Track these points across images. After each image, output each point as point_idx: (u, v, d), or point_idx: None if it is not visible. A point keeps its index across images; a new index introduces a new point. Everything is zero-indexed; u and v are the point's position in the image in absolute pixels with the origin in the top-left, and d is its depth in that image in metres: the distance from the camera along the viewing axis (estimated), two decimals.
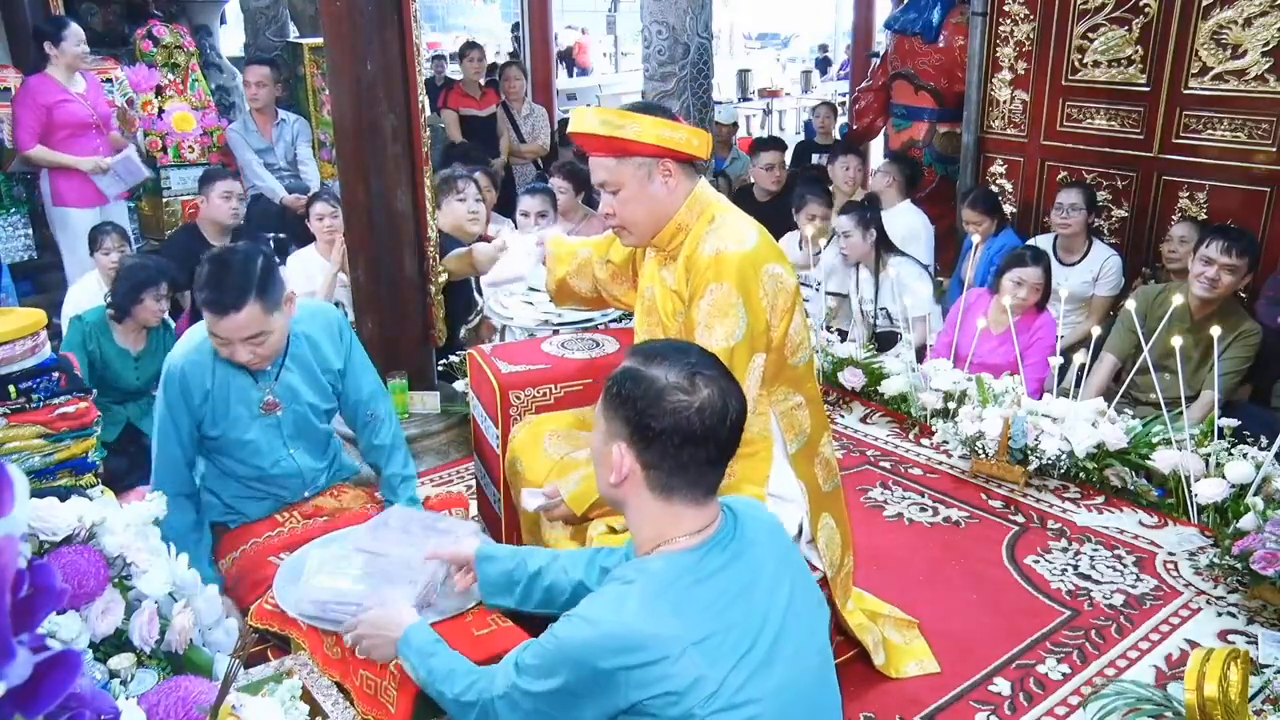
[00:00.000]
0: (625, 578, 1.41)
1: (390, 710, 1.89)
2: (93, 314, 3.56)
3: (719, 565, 1.41)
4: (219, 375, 2.39)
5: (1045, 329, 3.83)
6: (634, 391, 1.40)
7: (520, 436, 2.46)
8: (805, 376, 2.22)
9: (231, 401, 2.41)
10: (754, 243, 2.05)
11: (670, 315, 2.17)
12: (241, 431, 2.42)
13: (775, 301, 2.06)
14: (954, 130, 5.53)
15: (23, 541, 1.41)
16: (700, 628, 1.34)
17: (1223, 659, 1.97)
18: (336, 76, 3.38)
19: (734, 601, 1.39)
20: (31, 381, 2.14)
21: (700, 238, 2.08)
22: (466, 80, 6.72)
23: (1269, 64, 4.12)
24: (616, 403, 1.42)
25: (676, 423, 1.37)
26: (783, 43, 24.40)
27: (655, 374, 1.40)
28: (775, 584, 1.44)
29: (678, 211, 2.11)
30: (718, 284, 2.01)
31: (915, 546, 3.03)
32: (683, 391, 1.38)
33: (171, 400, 2.38)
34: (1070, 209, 4.35)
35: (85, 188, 4.80)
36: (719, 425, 1.39)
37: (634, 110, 2.06)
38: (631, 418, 1.40)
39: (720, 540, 1.43)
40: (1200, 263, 3.50)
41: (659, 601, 1.35)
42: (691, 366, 1.40)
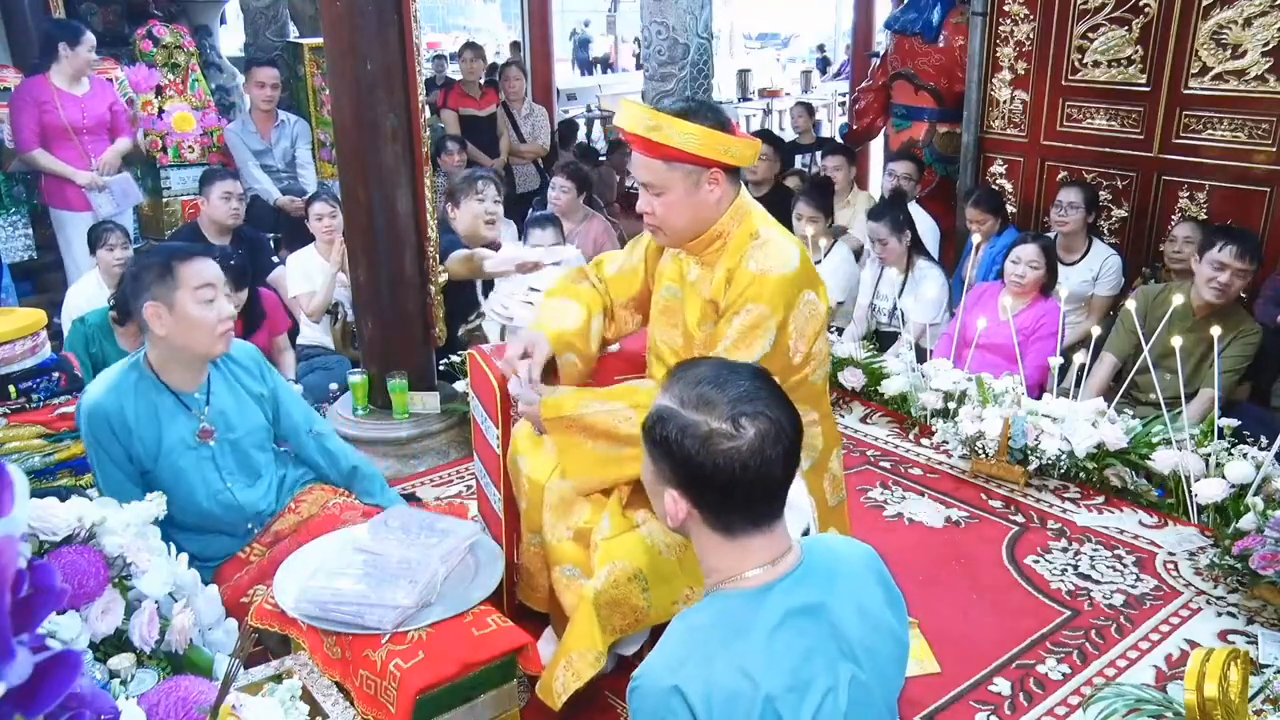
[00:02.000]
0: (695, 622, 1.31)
1: (390, 710, 1.89)
2: (95, 316, 3.56)
3: (798, 606, 1.30)
4: (142, 407, 2.29)
5: (1050, 316, 3.83)
6: (677, 439, 1.29)
7: (523, 433, 2.44)
8: (822, 393, 2.23)
9: (163, 430, 2.31)
10: (796, 265, 2.04)
11: (695, 323, 2.15)
12: (176, 460, 2.32)
13: (806, 328, 2.06)
14: (954, 130, 5.53)
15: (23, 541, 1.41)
16: (778, 680, 1.24)
17: (1223, 659, 1.97)
18: (336, 76, 3.38)
19: (813, 652, 1.27)
20: (31, 381, 2.15)
21: (744, 251, 2.06)
22: (466, 80, 6.72)
23: (1269, 64, 4.12)
24: (660, 449, 1.32)
25: (729, 469, 1.27)
26: (783, 43, 24.41)
27: (696, 420, 1.28)
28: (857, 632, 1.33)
29: (719, 219, 2.09)
30: (756, 304, 2.01)
31: (915, 546, 3.03)
32: (728, 438, 1.27)
33: (101, 439, 2.26)
34: (1069, 207, 4.35)
35: (81, 191, 4.80)
36: (774, 457, 1.29)
37: (688, 115, 2.00)
38: (678, 467, 1.30)
39: (799, 577, 1.33)
40: (1210, 267, 3.47)
41: (730, 650, 1.25)
42: (733, 405, 1.29)
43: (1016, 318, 3.76)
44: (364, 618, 1.98)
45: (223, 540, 2.46)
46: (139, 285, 2.24)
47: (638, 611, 2.08)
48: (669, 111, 2.01)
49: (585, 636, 2.03)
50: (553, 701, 2.05)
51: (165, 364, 2.33)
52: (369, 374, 3.64)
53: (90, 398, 2.26)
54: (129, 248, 4.04)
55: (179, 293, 2.23)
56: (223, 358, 2.41)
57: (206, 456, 2.37)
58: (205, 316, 2.25)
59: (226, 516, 2.42)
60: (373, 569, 2.08)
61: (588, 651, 2.02)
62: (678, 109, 2.03)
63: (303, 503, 2.54)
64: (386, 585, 2.03)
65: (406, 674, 1.88)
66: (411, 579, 2.05)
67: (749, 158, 2.07)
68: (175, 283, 2.22)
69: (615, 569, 2.05)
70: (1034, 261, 3.87)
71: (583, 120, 10.49)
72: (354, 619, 1.99)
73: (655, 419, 1.33)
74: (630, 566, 2.06)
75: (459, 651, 1.95)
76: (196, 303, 2.24)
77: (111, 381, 2.29)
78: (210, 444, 2.37)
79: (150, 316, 2.23)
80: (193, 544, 2.39)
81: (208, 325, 2.26)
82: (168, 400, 2.32)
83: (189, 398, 2.36)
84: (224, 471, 2.40)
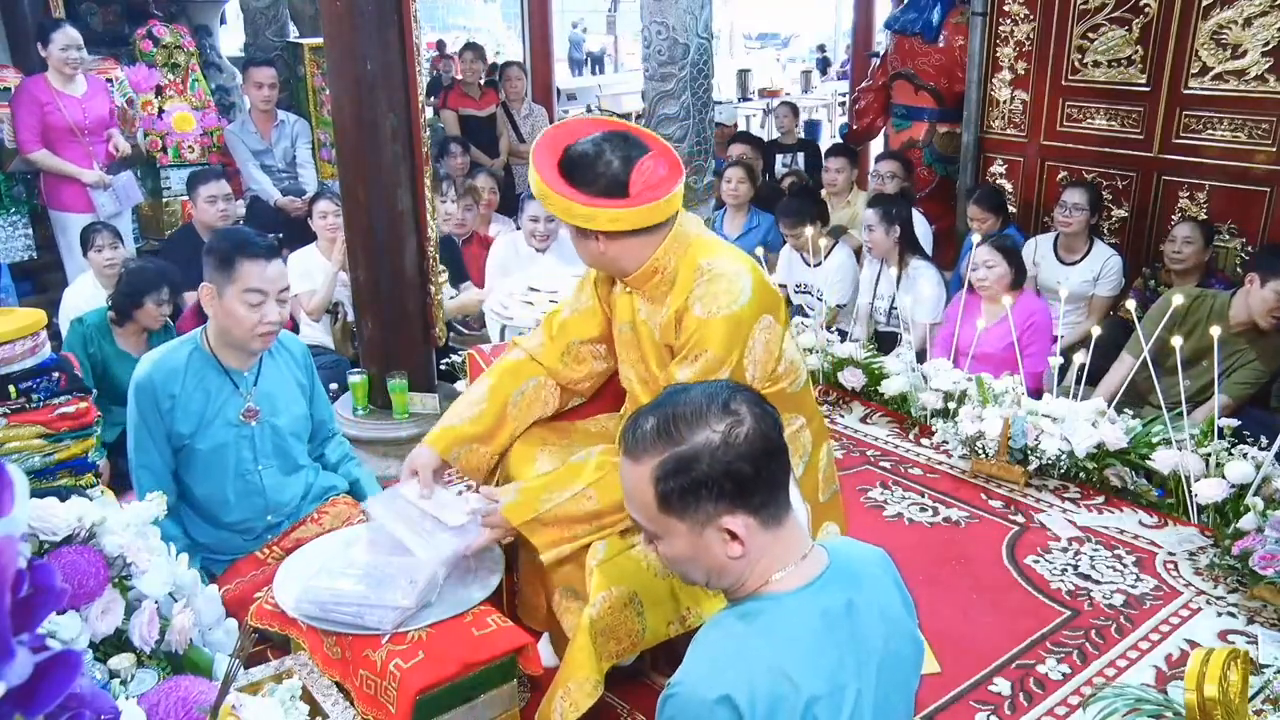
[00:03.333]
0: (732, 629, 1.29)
1: (390, 710, 1.89)
2: (93, 316, 3.56)
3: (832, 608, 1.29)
4: (189, 381, 2.39)
5: (1039, 315, 3.81)
6: (708, 466, 1.26)
7: (514, 451, 2.37)
8: (804, 397, 2.19)
9: (209, 403, 2.40)
10: (747, 298, 1.95)
11: (655, 364, 2.10)
12: (216, 435, 2.40)
13: (761, 355, 2.00)
14: (954, 130, 5.54)
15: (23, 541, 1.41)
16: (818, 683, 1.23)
17: (1223, 659, 1.97)
18: (336, 76, 3.38)
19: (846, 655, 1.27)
20: (31, 381, 2.14)
21: (690, 289, 1.97)
22: (466, 80, 6.72)
23: (1269, 64, 4.12)
24: (691, 494, 1.26)
25: (757, 450, 1.27)
26: (783, 43, 24.41)
27: (699, 437, 1.26)
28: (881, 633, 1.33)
29: (651, 257, 2.00)
30: (703, 350, 1.95)
31: (915, 546, 3.03)
32: (737, 425, 1.27)
33: (144, 409, 2.37)
34: (1074, 208, 4.35)
35: (80, 192, 4.80)
36: (771, 421, 1.31)
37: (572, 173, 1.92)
38: (723, 486, 1.26)
39: (829, 578, 1.32)
40: (1276, 296, 3.31)
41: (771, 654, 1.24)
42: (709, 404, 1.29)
43: (1002, 324, 3.77)
44: (364, 618, 1.98)
45: (236, 540, 2.50)
46: (204, 267, 2.34)
47: (633, 635, 2.06)
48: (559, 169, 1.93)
49: (582, 666, 2.01)
50: None
51: (220, 343, 2.43)
52: (369, 374, 3.64)
53: (141, 368, 2.38)
54: (119, 248, 4.04)
55: (231, 287, 2.31)
56: (276, 345, 2.51)
57: (246, 436, 2.45)
58: (248, 317, 2.34)
59: (245, 503, 2.47)
60: (373, 569, 2.08)
61: (585, 681, 2.01)
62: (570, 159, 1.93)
63: (325, 515, 2.57)
64: (386, 585, 2.03)
65: (406, 674, 1.88)
66: (412, 579, 2.05)
67: (634, 221, 1.91)
68: (231, 276, 2.31)
69: (611, 595, 2.02)
70: (988, 261, 3.83)
71: None
72: (354, 619, 1.99)
73: (669, 473, 1.27)
74: (625, 591, 2.03)
75: (459, 651, 1.95)
76: (243, 303, 2.32)
77: (163, 356, 2.40)
78: (252, 424, 2.46)
79: (203, 295, 2.35)
80: (207, 536, 2.47)
81: (248, 325, 2.35)
82: (219, 376, 2.42)
83: (239, 375, 2.44)
84: (259, 454, 2.48)
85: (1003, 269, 3.82)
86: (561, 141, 1.98)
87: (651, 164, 1.92)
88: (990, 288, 3.83)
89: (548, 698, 2.04)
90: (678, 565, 1.35)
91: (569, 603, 2.19)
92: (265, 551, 2.48)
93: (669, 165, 1.97)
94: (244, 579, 2.39)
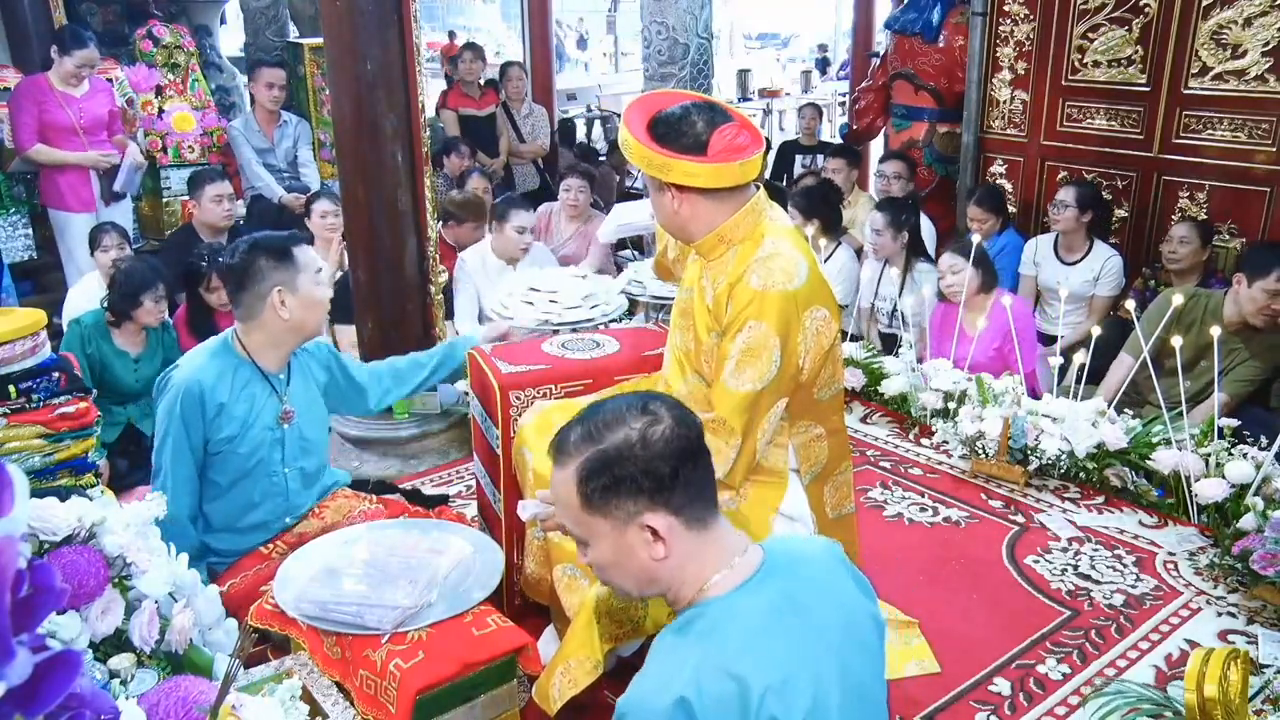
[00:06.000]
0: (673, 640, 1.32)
1: (390, 710, 1.89)
2: (90, 316, 3.56)
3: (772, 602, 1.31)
4: (235, 386, 2.37)
5: (1021, 320, 3.78)
6: (622, 464, 1.31)
7: (528, 424, 2.39)
8: (831, 409, 2.18)
9: (250, 411, 2.39)
10: (802, 280, 1.97)
11: (704, 329, 2.10)
12: (252, 442, 2.40)
13: (813, 345, 2.00)
14: (954, 130, 5.53)
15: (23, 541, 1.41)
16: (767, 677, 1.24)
17: (1223, 659, 1.97)
18: (336, 76, 3.38)
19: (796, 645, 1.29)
20: (31, 381, 2.14)
21: (748, 262, 1.99)
22: (466, 80, 6.72)
23: (1269, 64, 4.12)
24: (612, 491, 1.31)
25: (675, 449, 1.31)
26: (783, 43, 24.39)
27: (618, 435, 1.32)
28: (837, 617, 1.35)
29: (721, 225, 2.02)
30: (757, 321, 1.94)
31: (915, 546, 3.03)
32: (653, 424, 1.32)
33: (188, 418, 2.32)
34: (1061, 205, 4.38)
35: (79, 191, 4.80)
36: (692, 423, 1.36)
37: (653, 126, 1.97)
38: (642, 484, 1.30)
39: (764, 575, 1.34)
40: (1266, 295, 3.33)
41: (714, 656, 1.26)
42: (629, 405, 1.35)
43: (989, 330, 3.76)
44: (364, 618, 1.98)
45: (249, 541, 2.50)
46: (255, 274, 2.31)
47: (635, 621, 2.07)
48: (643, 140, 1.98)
49: (584, 644, 2.02)
50: (548, 707, 2.05)
51: (262, 347, 2.40)
52: None
53: (186, 374, 2.33)
54: (125, 248, 4.04)
55: (301, 276, 2.34)
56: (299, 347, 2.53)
57: (278, 439, 2.45)
58: (323, 296, 2.41)
59: (269, 504, 2.48)
60: (373, 569, 2.08)
61: (586, 659, 2.01)
62: (659, 119, 1.99)
63: (327, 509, 2.58)
64: (386, 585, 2.03)
65: (406, 674, 1.88)
66: (411, 579, 2.05)
67: (708, 179, 1.94)
68: (296, 267, 2.33)
69: None
70: (953, 266, 3.83)
71: (582, 120, 10.49)
72: (354, 619, 1.99)
73: (591, 471, 1.32)
74: None
75: (459, 651, 1.95)
76: (315, 284, 2.37)
77: (205, 363, 2.36)
78: (285, 427, 2.46)
79: (274, 303, 2.32)
80: (221, 542, 2.47)
81: (324, 304, 2.42)
82: (259, 380, 2.41)
83: (275, 379, 2.44)
84: (287, 456, 2.48)
85: (966, 270, 3.80)
86: (656, 105, 2.04)
87: (733, 131, 1.96)
88: (958, 292, 3.82)
89: (546, 672, 2.06)
90: (606, 572, 1.39)
91: (571, 579, 2.20)
92: (269, 546, 2.49)
93: (751, 136, 2.01)
94: (248, 573, 2.40)
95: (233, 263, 2.34)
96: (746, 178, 2.00)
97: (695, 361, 2.13)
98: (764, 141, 2.08)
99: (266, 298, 2.32)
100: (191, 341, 3.85)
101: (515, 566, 2.54)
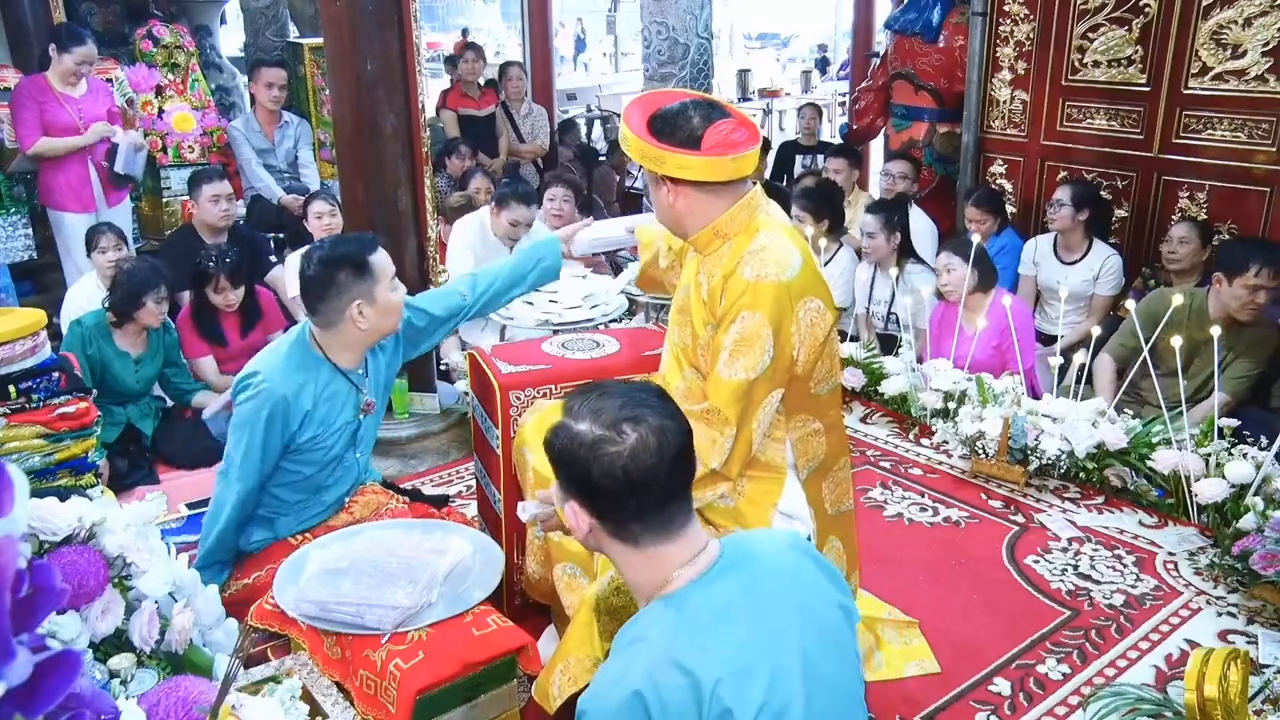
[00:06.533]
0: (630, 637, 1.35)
1: (390, 710, 1.89)
2: (91, 317, 3.55)
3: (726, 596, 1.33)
4: (318, 390, 2.36)
5: (1019, 318, 3.78)
6: (566, 447, 1.37)
7: (529, 424, 2.40)
8: (829, 404, 2.18)
9: (331, 412, 2.39)
10: (796, 271, 1.97)
11: (700, 323, 2.10)
12: (331, 440, 2.41)
13: (807, 336, 2.00)
14: (954, 130, 5.53)
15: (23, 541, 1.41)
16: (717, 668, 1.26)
17: (1223, 659, 1.97)
18: (336, 76, 3.38)
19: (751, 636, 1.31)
20: (31, 381, 2.15)
21: (742, 255, 2.00)
22: (466, 80, 6.72)
23: (1269, 64, 4.12)
24: (555, 460, 1.40)
25: (611, 475, 1.33)
26: (783, 43, 24.40)
27: (581, 429, 1.36)
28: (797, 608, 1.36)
29: (716, 219, 2.03)
30: (751, 312, 1.94)
31: (915, 546, 3.03)
32: (609, 443, 1.33)
33: (271, 428, 2.30)
34: (1056, 204, 4.39)
35: (78, 191, 4.79)
36: (657, 466, 1.33)
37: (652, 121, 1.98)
38: (572, 475, 1.38)
39: (719, 570, 1.37)
40: (1246, 290, 3.37)
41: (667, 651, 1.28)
42: (618, 411, 1.35)
43: (989, 329, 3.76)
44: (364, 618, 1.98)
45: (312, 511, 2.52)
46: (334, 288, 2.29)
47: (634, 611, 2.07)
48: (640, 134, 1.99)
49: (584, 642, 2.02)
50: (548, 705, 2.05)
51: (340, 349, 2.39)
52: None
53: (273, 386, 2.29)
54: (122, 249, 4.03)
55: (378, 286, 2.33)
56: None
57: (354, 429, 2.48)
58: (399, 302, 2.40)
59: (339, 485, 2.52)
60: (373, 569, 2.08)
61: (585, 658, 2.01)
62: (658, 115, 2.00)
63: (355, 504, 2.59)
64: (386, 585, 2.03)
65: (406, 674, 1.88)
66: (411, 579, 2.05)
67: (701, 172, 1.95)
68: (374, 278, 2.32)
69: (617, 575, 2.03)
70: (948, 265, 3.83)
71: (583, 120, 10.49)
72: (354, 619, 1.99)
73: (552, 431, 1.40)
74: None
75: (459, 651, 1.95)
76: (391, 290, 2.36)
77: (287, 372, 2.33)
78: (364, 417, 2.49)
79: (353, 316, 2.31)
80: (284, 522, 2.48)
81: (400, 308, 2.41)
82: (340, 380, 2.41)
83: (355, 375, 2.45)
84: (359, 441, 2.53)
85: (961, 270, 3.79)
86: (657, 103, 2.06)
87: (728, 126, 1.97)
88: (953, 291, 3.82)
89: (546, 670, 2.05)
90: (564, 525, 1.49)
91: (571, 579, 2.19)
92: (297, 539, 2.47)
93: (748, 133, 2.01)
94: (274, 565, 2.37)
95: (311, 275, 2.32)
96: (741, 173, 2.00)
97: (692, 356, 2.14)
98: (761, 138, 2.09)
99: (345, 310, 2.31)
100: (194, 342, 3.85)
101: (515, 566, 2.54)
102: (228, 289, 3.78)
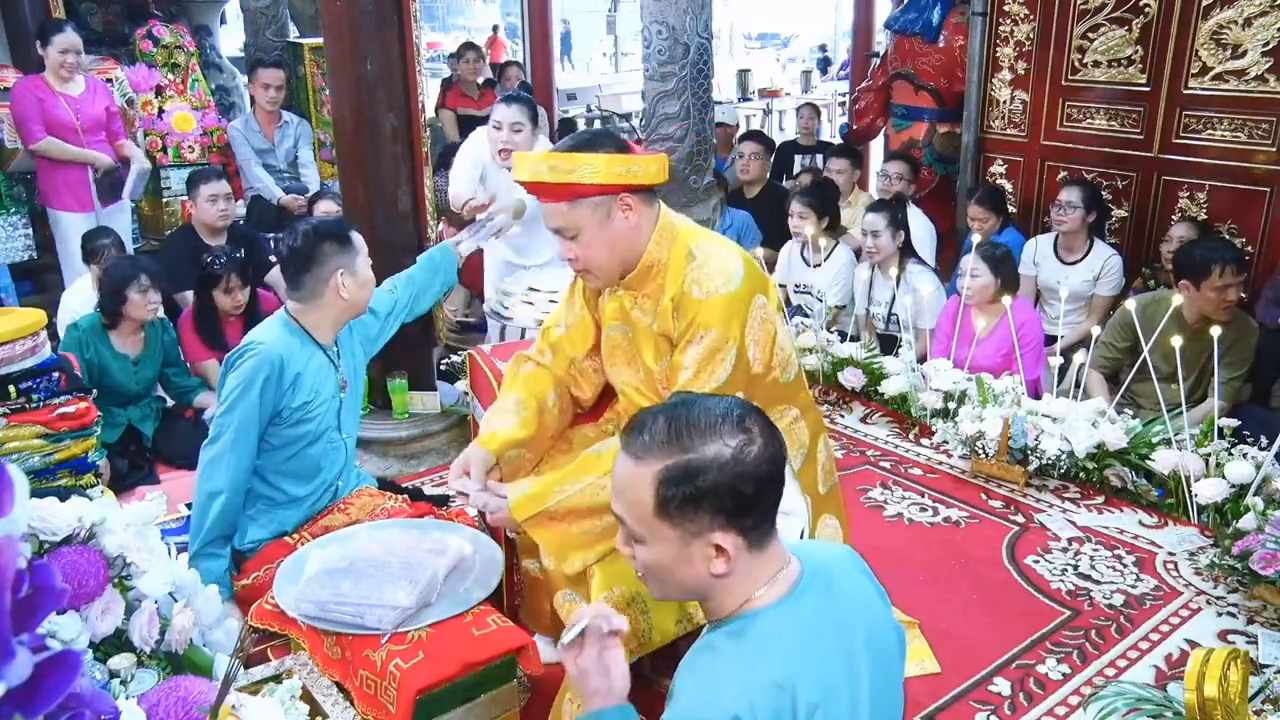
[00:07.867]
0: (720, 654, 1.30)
1: (390, 710, 1.89)
2: (86, 320, 3.53)
3: (814, 613, 1.30)
4: (305, 357, 2.48)
5: (1029, 325, 3.79)
6: (714, 479, 1.25)
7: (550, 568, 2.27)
8: (797, 388, 2.19)
9: (318, 380, 2.50)
10: (740, 277, 1.98)
11: (653, 359, 2.08)
12: (320, 410, 2.51)
13: (760, 335, 2.01)
14: (954, 130, 5.53)
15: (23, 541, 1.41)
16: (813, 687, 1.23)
17: (1223, 659, 1.97)
18: (336, 76, 3.38)
19: (835, 655, 1.28)
20: (31, 381, 2.15)
21: (684, 275, 1.99)
22: (465, 80, 6.72)
23: (1269, 64, 4.12)
24: (692, 504, 1.26)
25: (763, 473, 1.27)
26: (783, 43, 24.40)
27: (712, 450, 1.26)
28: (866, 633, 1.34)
29: (647, 248, 2.02)
30: (707, 330, 1.95)
31: (915, 546, 3.03)
32: (748, 444, 1.27)
33: (267, 386, 2.39)
34: (1067, 206, 4.35)
35: (78, 191, 4.78)
36: (781, 453, 1.31)
37: (582, 148, 1.96)
38: (724, 501, 1.26)
39: (805, 585, 1.33)
40: (1216, 292, 3.38)
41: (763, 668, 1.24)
42: (723, 418, 1.29)
43: (995, 334, 3.75)
44: (364, 618, 1.98)
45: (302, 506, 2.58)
46: (319, 258, 2.43)
47: (640, 635, 2.04)
48: (563, 149, 1.97)
49: None
50: None
51: (318, 324, 2.52)
52: (369, 374, 3.63)
53: (269, 345, 2.41)
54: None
55: (359, 257, 2.49)
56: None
57: (336, 408, 2.58)
58: (373, 278, 2.56)
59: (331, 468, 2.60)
60: (373, 569, 2.08)
61: None
62: (568, 145, 1.98)
63: (352, 505, 2.61)
64: (386, 585, 2.03)
65: (406, 674, 1.89)
66: (412, 579, 2.05)
67: (656, 173, 1.98)
68: (355, 250, 2.49)
69: (613, 595, 2.00)
70: (974, 270, 3.82)
71: (582, 120, 10.49)
72: (354, 619, 1.99)
73: (674, 479, 1.26)
74: (628, 592, 2.01)
75: (459, 651, 1.95)
76: (367, 264, 2.53)
77: (277, 337, 2.47)
78: (343, 395, 2.60)
79: (336, 285, 2.45)
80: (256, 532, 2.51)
81: (374, 283, 2.57)
82: (320, 354, 2.53)
83: (330, 351, 2.56)
84: (345, 421, 2.63)
85: (986, 279, 3.80)
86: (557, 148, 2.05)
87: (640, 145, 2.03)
88: (976, 296, 3.82)
89: (557, 700, 2.04)
90: (654, 573, 1.34)
91: (571, 605, 2.19)
92: (295, 537, 2.50)
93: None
94: (271, 565, 2.39)
95: (297, 246, 2.44)
96: (663, 177, 2.03)
97: (652, 388, 2.11)
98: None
99: (329, 280, 2.44)
100: (195, 344, 3.84)
101: (515, 566, 2.54)
102: (237, 289, 3.77)
